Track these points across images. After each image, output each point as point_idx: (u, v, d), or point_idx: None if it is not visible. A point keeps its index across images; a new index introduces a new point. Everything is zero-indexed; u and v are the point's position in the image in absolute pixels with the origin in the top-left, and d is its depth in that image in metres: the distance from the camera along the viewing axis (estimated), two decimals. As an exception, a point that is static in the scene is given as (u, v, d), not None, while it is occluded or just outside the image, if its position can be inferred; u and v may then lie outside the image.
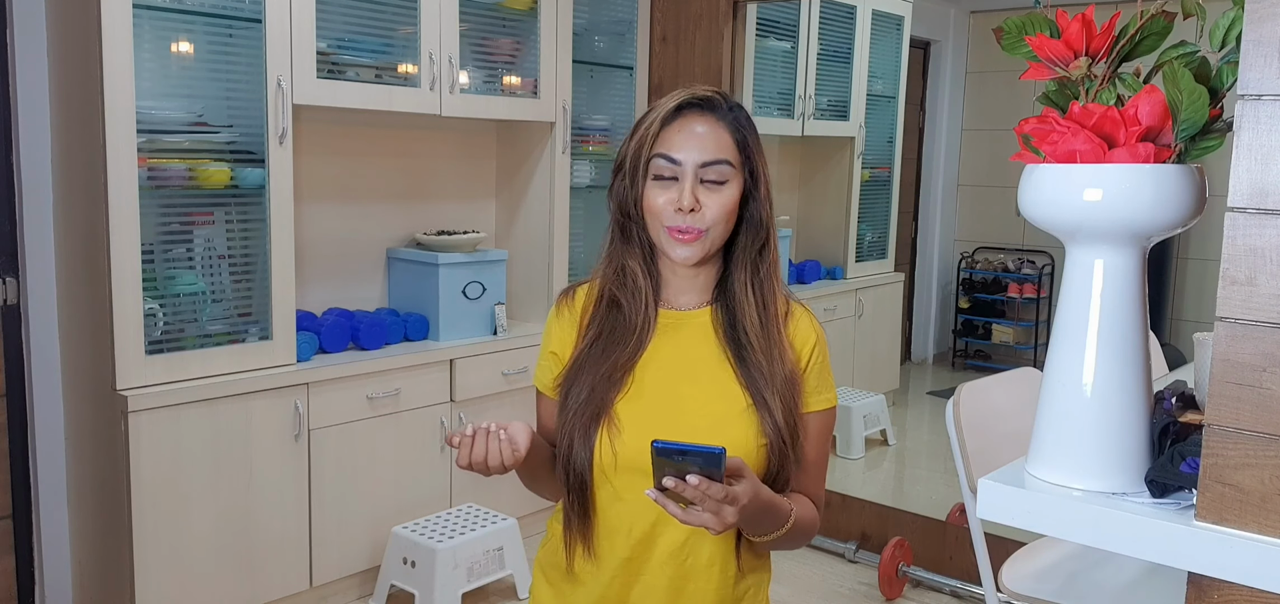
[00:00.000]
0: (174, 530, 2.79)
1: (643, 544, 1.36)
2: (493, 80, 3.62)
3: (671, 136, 1.35)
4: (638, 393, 1.36)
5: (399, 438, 3.28)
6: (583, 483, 1.37)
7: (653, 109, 1.39)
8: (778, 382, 1.34)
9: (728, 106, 1.38)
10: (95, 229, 2.67)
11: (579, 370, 1.39)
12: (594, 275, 1.46)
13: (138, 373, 2.70)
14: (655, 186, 1.35)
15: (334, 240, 3.49)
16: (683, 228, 1.33)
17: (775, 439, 1.33)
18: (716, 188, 1.34)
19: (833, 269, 4.80)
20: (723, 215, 1.34)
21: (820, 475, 1.43)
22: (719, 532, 1.19)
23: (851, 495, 3.76)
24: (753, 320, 1.37)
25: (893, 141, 4.90)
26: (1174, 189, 1.02)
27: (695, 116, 1.36)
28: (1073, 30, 1.06)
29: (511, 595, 3.29)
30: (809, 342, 1.40)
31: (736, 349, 1.36)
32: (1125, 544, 1.02)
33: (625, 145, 1.40)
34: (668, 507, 1.17)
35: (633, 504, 1.34)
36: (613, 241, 1.43)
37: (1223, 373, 0.95)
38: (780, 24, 4.36)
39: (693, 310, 1.41)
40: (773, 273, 1.39)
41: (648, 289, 1.40)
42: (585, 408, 1.36)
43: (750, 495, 1.20)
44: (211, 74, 2.91)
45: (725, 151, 1.35)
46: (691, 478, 1.14)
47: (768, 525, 1.30)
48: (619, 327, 1.39)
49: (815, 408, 1.40)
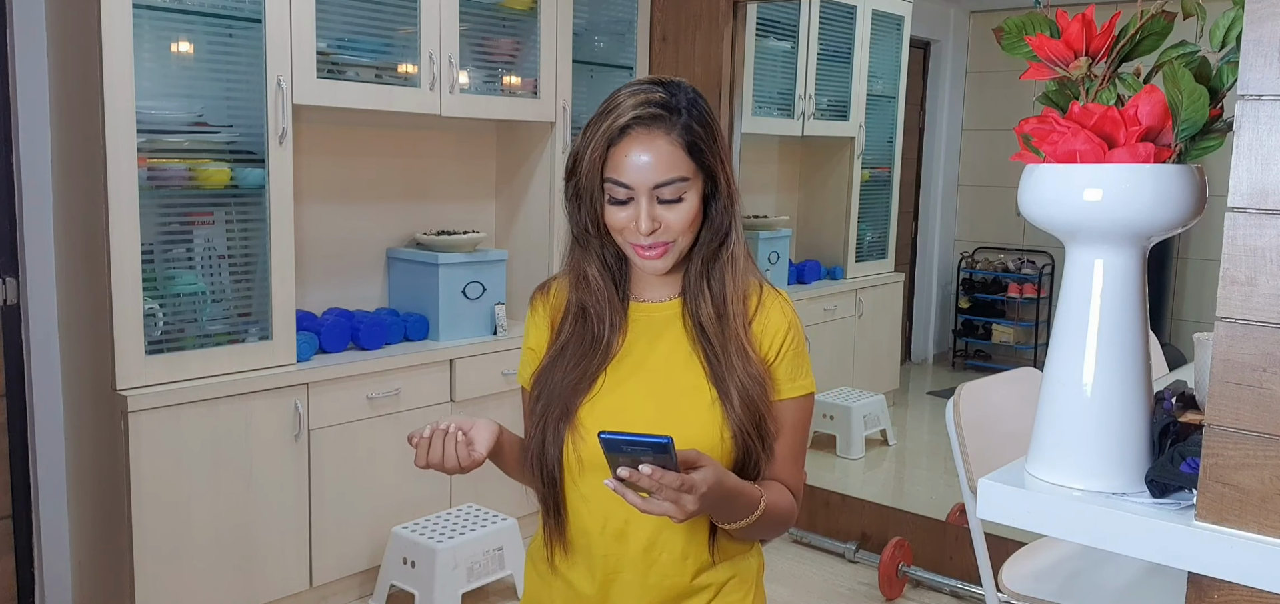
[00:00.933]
0: (174, 530, 2.79)
1: (616, 540, 1.37)
2: (493, 80, 3.62)
3: (619, 160, 1.30)
4: (603, 393, 1.36)
5: (399, 438, 3.28)
6: (553, 482, 1.38)
7: (601, 120, 1.33)
8: (738, 373, 1.33)
9: (679, 109, 1.31)
10: (95, 229, 2.67)
11: (548, 372, 1.40)
12: (565, 271, 1.45)
13: (138, 373, 2.70)
14: (612, 207, 1.33)
15: (334, 240, 3.49)
16: (647, 244, 1.33)
17: (739, 431, 1.33)
18: (674, 204, 1.31)
19: (833, 269, 4.80)
20: (685, 226, 1.33)
21: (797, 463, 1.42)
22: (681, 520, 1.19)
23: (851, 495, 3.76)
24: (709, 315, 1.36)
25: (893, 141, 4.90)
26: (1174, 189, 1.02)
27: (643, 136, 1.29)
28: (1073, 30, 1.06)
29: (511, 595, 3.29)
30: (780, 330, 1.38)
31: (703, 341, 1.37)
32: (1125, 544, 1.02)
33: (575, 155, 1.35)
34: (627, 496, 1.17)
35: (601, 504, 1.35)
36: (572, 250, 1.42)
37: (1223, 373, 0.95)
38: (780, 24, 4.36)
39: (663, 302, 1.41)
40: (729, 267, 1.37)
41: (610, 293, 1.40)
42: (551, 410, 1.37)
43: (710, 483, 1.19)
44: (211, 74, 2.91)
45: (677, 168, 1.30)
46: (644, 467, 1.13)
47: (735, 513, 1.30)
48: (585, 331, 1.40)
49: (789, 395, 1.38)
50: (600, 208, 1.34)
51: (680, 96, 1.33)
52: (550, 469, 1.37)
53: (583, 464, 1.35)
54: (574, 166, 1.36)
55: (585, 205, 1.35)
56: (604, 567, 1.38)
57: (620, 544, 1.37)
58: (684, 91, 1.34)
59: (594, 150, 1.32)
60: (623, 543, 1.36)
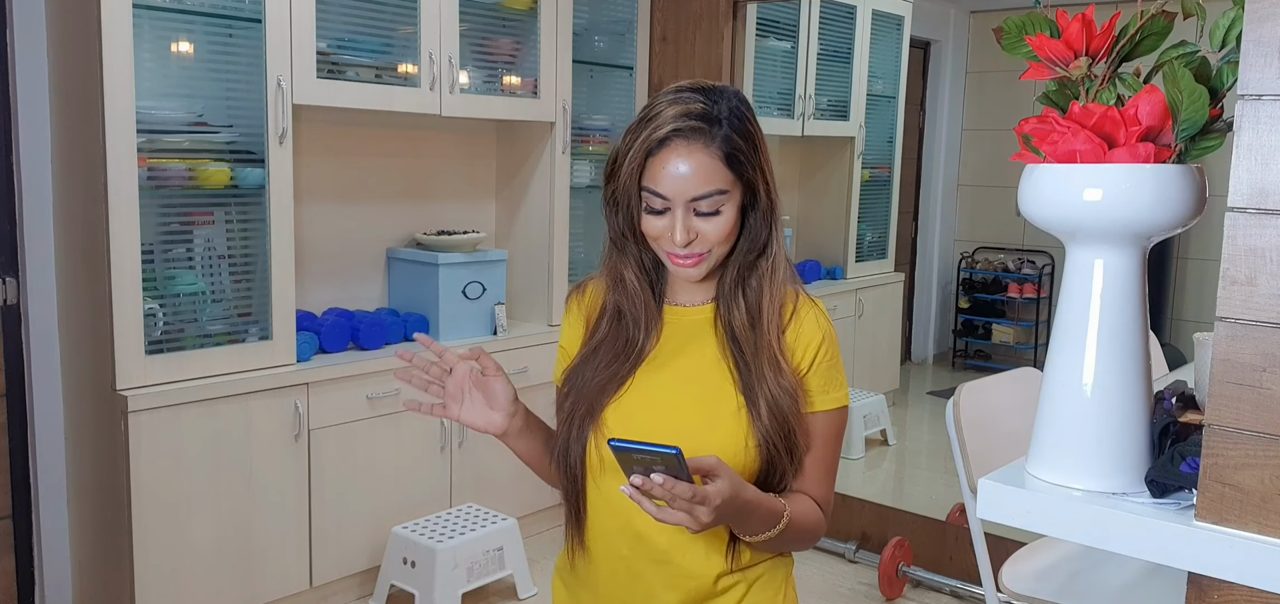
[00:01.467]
0: (174, 530, 2.79)
1: (637, 542, 1.36)
2: (493, 80, 3.62)
3: (657, 171, 1.29)
4: (630, 396, 1.36)
5: (399, 438, 3.28)
6: (575, 482, 1.38)
7: (641, 128, 1.31)
8: (768, 384, 1.33)
9: (720, 120, 1.29)
10: (95, 229, 2.67)
11: (578, 372, 1.40)
12: (601, 272, 1.46)
13: (138, 373, 2.70)
14: (649, 216, 1.32)
15: (334, 240, 3.49)
16: (683, 254, 1.32)
17: (764, 441, 1.32)
18: (711, 216, 1.30)
19: (833, 269, 4.81)
20: (721, 237, 1.32)
21: (827, 477, 1.40)
22: (696, 530, 1.18)
23: (851, 495, 3.76)
24: (742, 323, 1.36)
25: (893, 141, 4.91)
26: (1174, 189, 1.02)
27: (682, 148, 1.28)
28: (1073, 30, 1.06)
29: (511, 595, 3.29)
30: (814, 340, 1.37)
31: (734, 348, 1.36)
32: (1125, 544, 1.02)
33: (615, 158, 1.35)
34: (643, 504, 1.17)
35: (622, 505, 1.34)
36: (609, 252, 1.42)
37: (1223, 373, 0.95)
38: (780, 24, 4.36)
39: (696, 307, 1.41)
40: (769, 276, 1.36)
41: (647, 297, 1.40)
42: (577, 409, 1.37)
43: (725, 496, 1.18)
44: (211, 74, 2.91)
45: (716, 181, 1.29)
46: (656, 476, 1.13)
47: (755, 525, 1.29)
48: (619, 332, 1.40)
49: (822, 407, 1.37)
50: (638, 215, 1.34)
51: (722, 106, 1.31)
52: (573, 468, 1.37)
53: (604, 464, 1.34)
54: (613, 172, 1.35)
55: (623, 211, 1.35)
56: (626, 568, 1.38)
57: (641, 545, 1.36)
58: (727, 100, 1.31)
59: (633, 159, 1.31)
60: (643, 544, 1.36)
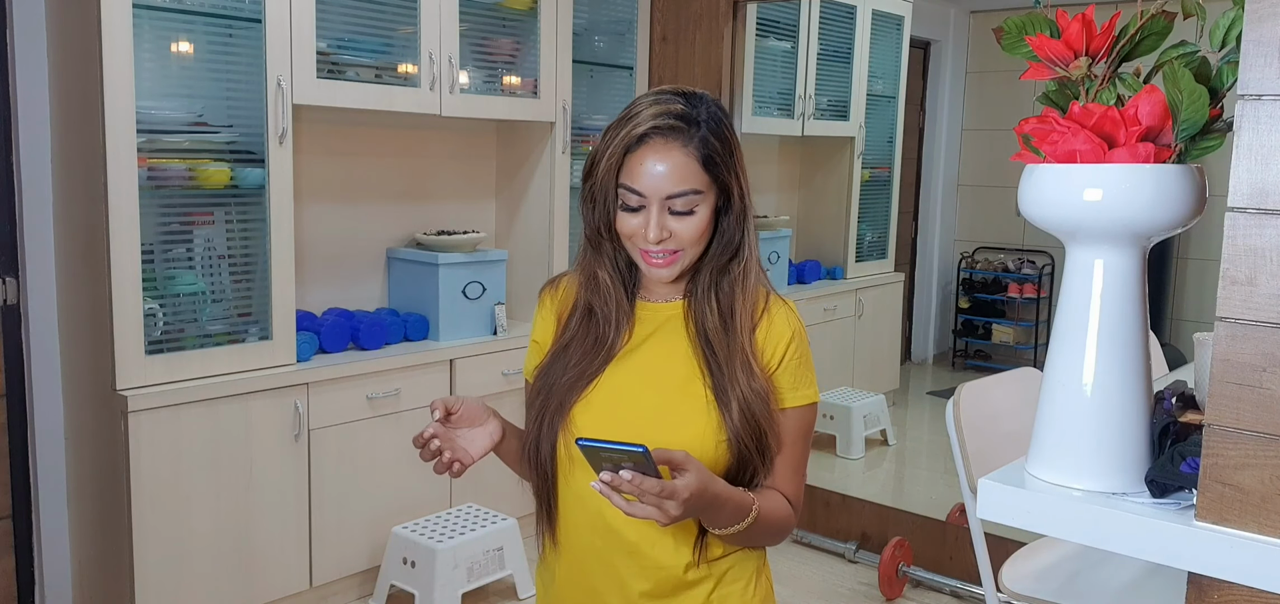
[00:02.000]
0: (174, 530, 2.79)
1: (608, 535, 1.38)
2: (493, 80, 3.62)
3: (635, 168, 1.32)
4: (599, 393, 1.38)
5: (399, 438, 3.28)
6: (546, 477, 1.41)
7: (619, 127, 1.34)
8: (741, 386, 1.34)
9: (698, 122, 1.32)
10: (95, 229, 2.67)
11: (549, 369, 1.43)
12: (576, 269, 1.48)
13: (138, 373, 2.70)
14: (624, 213, 1.35)
15: (334, 240, 3.49)
16: (656, 253, 1.34)
17: (736, 440, 1.34)
18: (685, 216, 1.33)
19: (833, 269, 4.81)
20: (694, 238, 1.34)
21: (796, 473, 1.42)
22: (666, 524, 1.21)
23: (851, 495, 3.76)
24: (714, 326, 1.37)
25: (893, 141, 4.90)
26: (1174, 189, 1.02)
27: (660, 146, 1.31)
28: (1073, 30, 1.06)
29: (511, 595, 3.29)
30: (784, 337, 1.39)
31: (706, 348, 1.38)
32: (1125, 544, 1.02)
33: (593, 158, 1.37)
34: (613, 499, 1.19)
35: (592, 499, 1.35)
36: (584, 250, 1.44)
37: (1223, 373, 0.95)
38: (780, 24, 4.36)
39: (667, 302, 1.43)
40: (742, 280, 1.38)
41: (619, 297, 1.42)
42: (548, 405, 1.39)
43: (693, 490, 1.20)
44: (211, 74, 2.91)
45: (691, 180, 1.31)
46: (624, 472, 1.16)
47: (724, 518, 1.31)
48: (590, 330, 1.42)
49: (792, 404, 1.39)
50: (613, 212, 1.36)
51: (701, 109, 1.34)
52: (544, 464, 1.40)
53: (574, 460, 1.36)
54: (592, 168, 1.37)
55: (599, 209, 1.37)
56: (598, 559, 1.40)
57: (612, 537, 1.38)
58: (706, 105, 1.35)
59: (611, 155, 1.33)
60: (614, 536, 1.38)
